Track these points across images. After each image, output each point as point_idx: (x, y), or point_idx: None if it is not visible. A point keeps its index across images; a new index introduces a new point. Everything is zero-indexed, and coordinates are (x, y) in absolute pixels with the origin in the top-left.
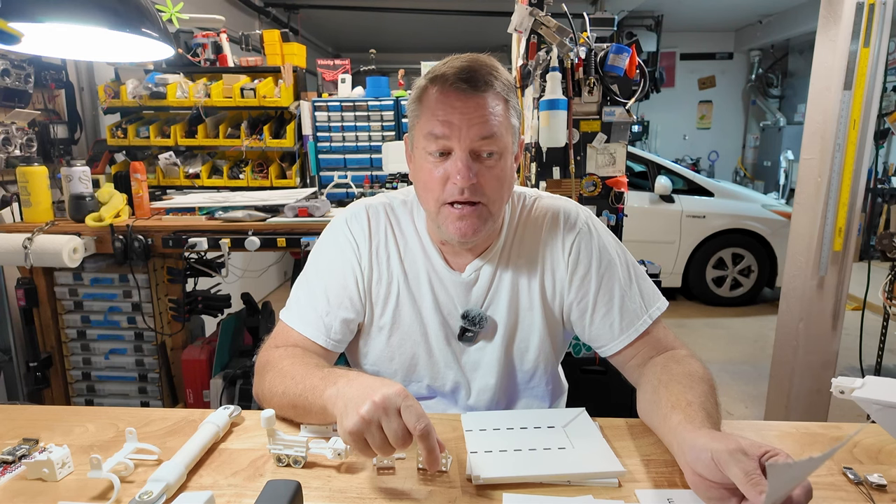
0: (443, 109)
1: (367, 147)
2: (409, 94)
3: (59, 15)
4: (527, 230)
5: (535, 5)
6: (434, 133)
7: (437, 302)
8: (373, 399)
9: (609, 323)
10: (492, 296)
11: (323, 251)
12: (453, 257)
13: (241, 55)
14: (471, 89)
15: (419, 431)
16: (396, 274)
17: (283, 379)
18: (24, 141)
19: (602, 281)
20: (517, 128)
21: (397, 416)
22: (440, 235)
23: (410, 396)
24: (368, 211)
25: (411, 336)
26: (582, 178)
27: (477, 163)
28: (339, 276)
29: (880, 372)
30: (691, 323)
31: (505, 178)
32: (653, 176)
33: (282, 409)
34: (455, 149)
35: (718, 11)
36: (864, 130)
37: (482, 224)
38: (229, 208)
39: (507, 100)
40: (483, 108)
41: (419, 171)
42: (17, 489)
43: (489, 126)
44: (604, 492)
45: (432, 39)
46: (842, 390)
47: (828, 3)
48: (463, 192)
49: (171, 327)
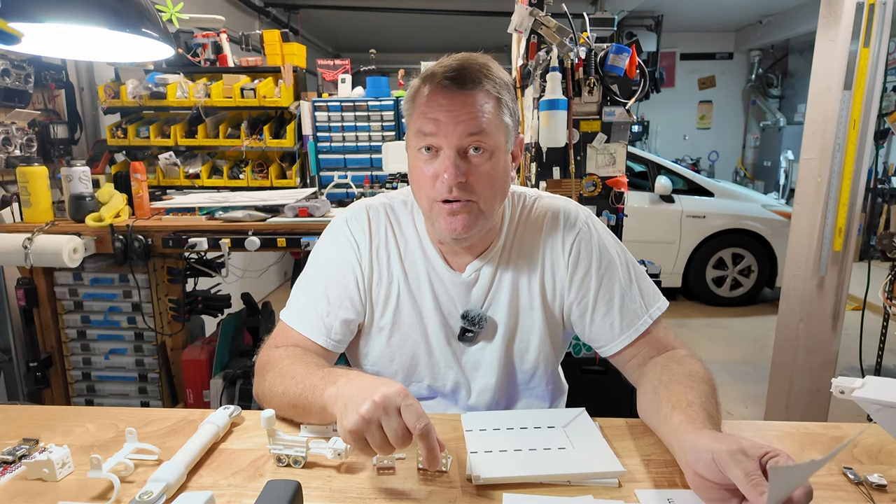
0: (430, 108)
1: (367, 147)
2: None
3: (59, 15)
4: (527, 230)
5: (535, 5)
6: (423, 131)
7: (437, 302)
8: (373, 398)
9: (609, 323)
10: (492, 296)
11: (323, 251)
12: (453, 257)
13: (241, 55)
14: (457, 87)
15: (419, 431)
16: (397, 274)
17: (283, 379)
18: (24, 141)
19: (602, 280)
20: (511, 126)
21: (397, 416)
22: (435, 234)
23: (410, 395)
24: (369, 211)
25: (411, 336)
26: (582, 178)
27: (465, 161)
28: (340, 276)
29: (880, 372)
30: (691, 323)
31: (496, 177)
32: (653, 176)
33: (282, 409)
34: (443, 146)
35: (718, 11)
36: (864, 130)
37: (473, 221)
38: (229, 208)
39: (498, 98)
40: (470, 106)
41: (412, 169)
42: (17, 489)
43: (476, 123)
44: (604, 492)
45: (432, 39)
46: (842, 390)
47: (828, 3)
48: (451, 191)
49: (171, 327)
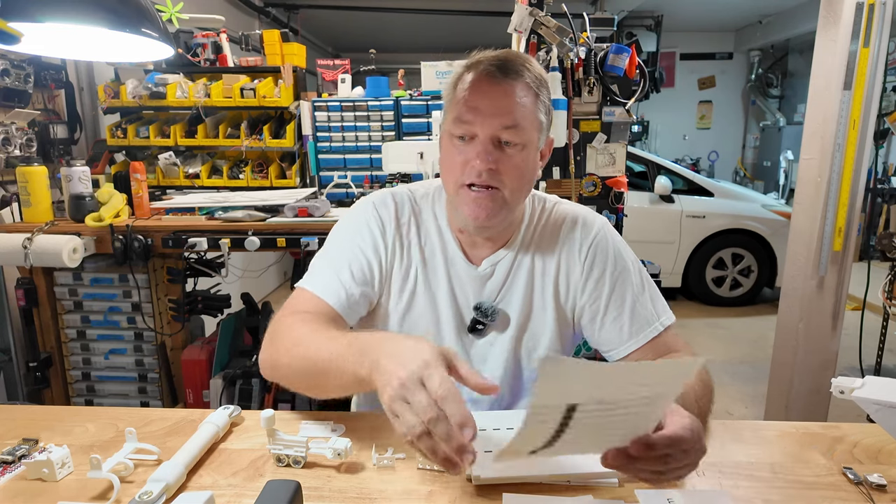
0: (472, 94)
1: (366, 147)
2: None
3: (59, 15)
4: (545, 231)
5: (535, 5)
6: (461, 118)
7: (452, 293)
8: (398, 375)
9: (619, 327)
10: (506, 290)
11: (347, 228)
12: (471, 249)
13: (241, 55)
14: (501, 75)
15: (437, 401)
16: (416, 262)
17: (296, 346)
18: (23, 141)
19: (616, 285)
20: (545, 125)
21: (422, 389)
22: (457, 221)
23: (434, 363)
24: (395, 198)
25: (422, 325)
26: (582, 178)
27: (498, 150)
28: (363, 251)
29: (880, 372)
30: (691, 323)
31: (525, 170)
32: (653, 176)
33: (294, 377)
34: (478, 134)
35: (718, 11)
36: (863, 130)
37: (497, 210)
38: (229, 208)
39: (537, 94)
40: (510, 97)
41: (445, 153)
42: (17, 489)
43: (512, 117)
44: (604, 492)
45: (432, 39)
46: (842, 390)
47: (828, 3)
48: (480, 175)
49: (171, 327)
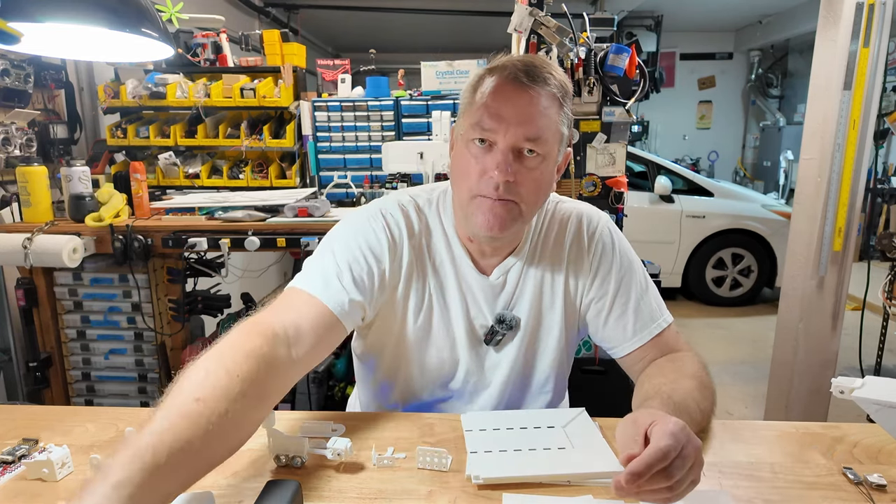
0: (496, 100)
1: (366, 147)
2: (464, 84)
3: (59, 15)
4: (551, 233)
5: (535, 5)
6: (482, 125)
7: (465, 306)
8: None
9: (623, 324)
10: (517, 297)
11: (352, 232)
12: (480, 257)
13: (241, 55)
14: (527, 81)
15: None
16: (429, 280)
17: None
18: (23, 141)
19: (622, 282)
20: (566, 137)
21: None
22: (467, 229)
23: None
24: (405, 208)
25: (439, 342)
26: (582, 178)
27: (517, 161)
28: (366, 259)
29: (880, 372)
30: (691, 323)
31: (543, 182)
32: (653, 176)
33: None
34: (499, 142)
35: (718, 11)
36: (863, 130)
37: (511, 222)
38: (229, 208)
39: (562, 104)
40: (535, 106)
41: (459, 158)
42: (17, 489)
43: (536, 127)
44: (604, 492)
45: (432, 39)
46: (842, 390)
47: (828, 3)
48: (497, 188)
49: (171, 327)
